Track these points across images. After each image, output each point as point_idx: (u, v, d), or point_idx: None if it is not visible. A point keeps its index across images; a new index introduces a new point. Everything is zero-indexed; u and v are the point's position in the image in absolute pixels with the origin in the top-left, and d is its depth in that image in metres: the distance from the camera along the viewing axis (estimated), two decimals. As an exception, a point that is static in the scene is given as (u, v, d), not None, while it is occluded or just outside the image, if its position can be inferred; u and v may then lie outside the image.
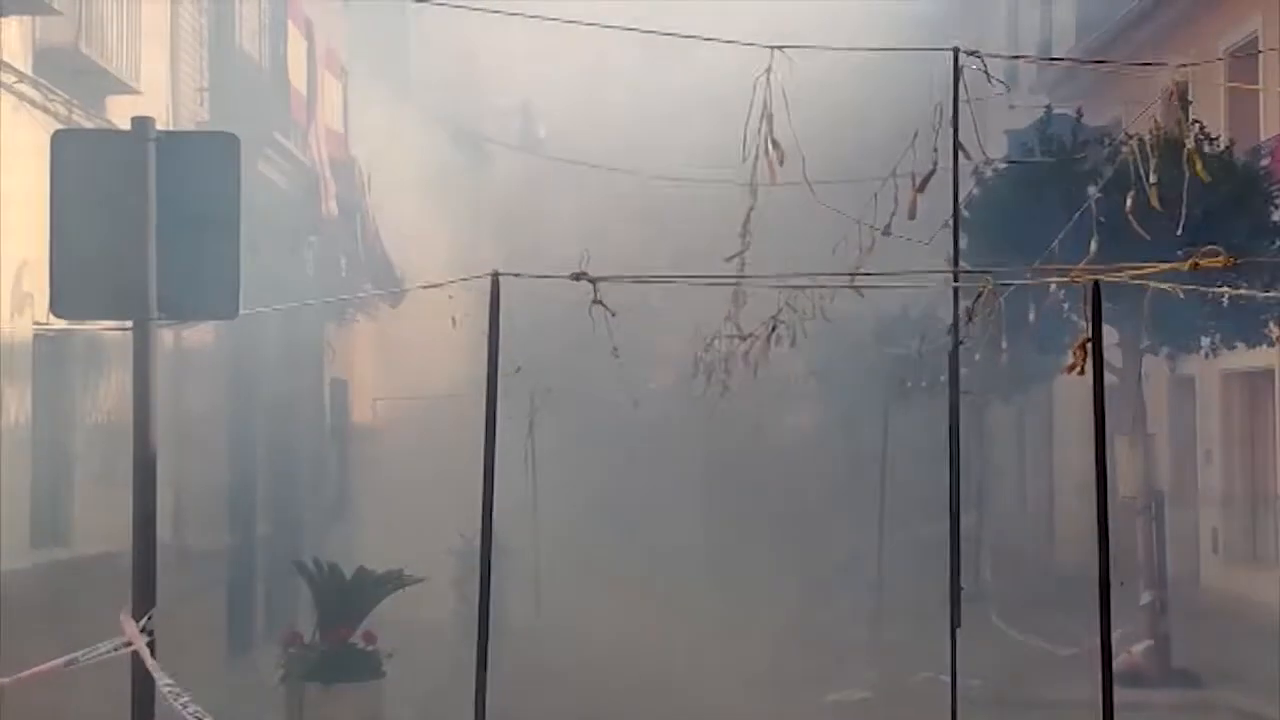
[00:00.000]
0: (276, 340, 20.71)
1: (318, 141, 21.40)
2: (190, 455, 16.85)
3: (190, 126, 17.01)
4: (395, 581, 14.89)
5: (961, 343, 11.95)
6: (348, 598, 14.58)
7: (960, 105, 11.27)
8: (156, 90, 16.08)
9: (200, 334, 17.16)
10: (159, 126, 8.73)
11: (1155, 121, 10.75)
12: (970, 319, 10.64)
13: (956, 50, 10.96)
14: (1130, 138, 10.37)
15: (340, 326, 24.87)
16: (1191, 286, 9.51)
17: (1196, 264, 8.35)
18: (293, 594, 18.30)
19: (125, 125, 8.86)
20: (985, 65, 10.81)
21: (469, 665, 9.50)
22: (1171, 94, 10.28)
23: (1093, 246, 10.04)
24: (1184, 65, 13.17)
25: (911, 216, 10.46)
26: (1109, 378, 14.91)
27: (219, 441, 18.61)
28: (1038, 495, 32.96)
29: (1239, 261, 9.38)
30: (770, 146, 11.01)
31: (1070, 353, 17.46)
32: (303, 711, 14.31)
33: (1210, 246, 8.50)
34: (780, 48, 10.87)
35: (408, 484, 23.68)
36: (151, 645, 8.17)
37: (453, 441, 22.05)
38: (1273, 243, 17.93)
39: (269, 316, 16.77)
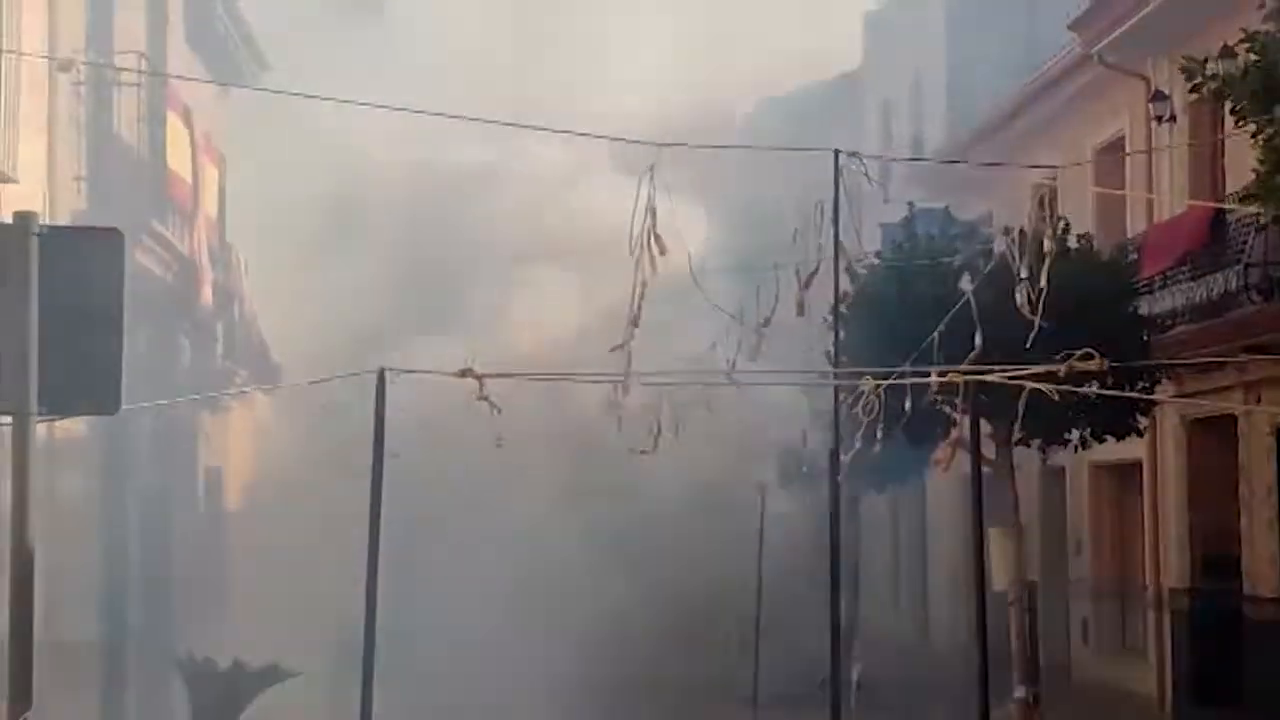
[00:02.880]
0: (151, 429, 20.52)
1: (195, 229, 21.33)
2: (63, 547, 16.60)
3: (67, 215, 16.89)
4: (272, 675, 14.73)
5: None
6: (223, 691, 14.41)
7: (839, 203, 11.49)
8: (33, 179, 15.96)
9: (73, 423, 16.95)
10: (36, 215, 8.68)
11: (1026, 221, 11.02)
12: (862, 419, 10.77)
13: (836, 152, 11.18)
14: (1007, 233, 10.61)
15: (215, 414, 24.69)
16: (1065, 388, 9.72)
17: (1072, 368, 8.54)
18: (167, 687, 18.03)
19: (1, 213, 8.79)
20: (865, 166, 11.03)
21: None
22: (1040, 199, 10.55)
23: (977, 341, 10.23)
24: (1054, 167, 13.51)
25: (800, 313, 10.64)
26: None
27: (92, 532, 18.36)
28: (911, 586, 33.21)
29: (1114, 366, 9.60)
30: (652, 240, 11.17)
31: (940, 448, 17.80)
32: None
33: (1085, 350, 8.70)
34: (666, 145, 11.04)
35: (284, 573, 23.44)
36: (28, 746, 8.02)
37: (329, 528, 21.93)
38: (1138, 334, 18.32)
39: (143, 405, 16.65)
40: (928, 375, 10.74)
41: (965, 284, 15.77)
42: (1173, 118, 20.70)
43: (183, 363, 21.78)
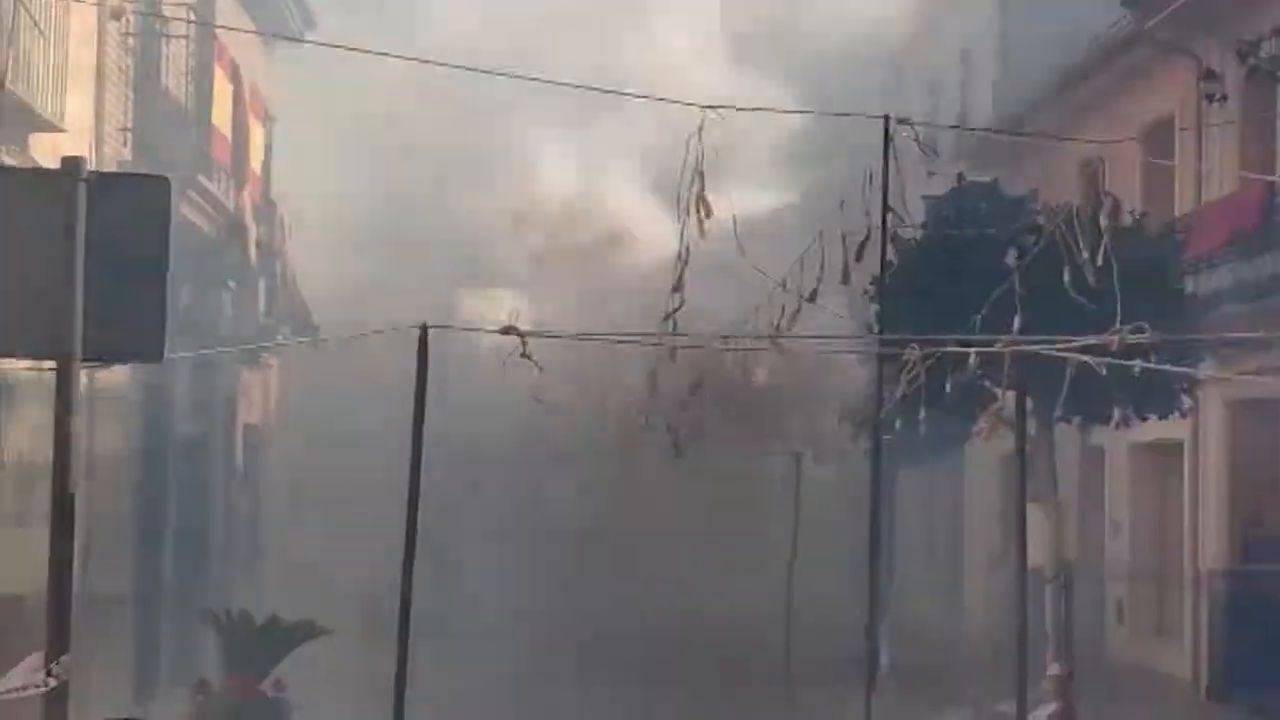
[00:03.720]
0: (189, 383, 20.57)
1: (240, 185, 21.33)
2: (99, 498, 16.65)
3: (112, 166, 16.91)
4: (306, 631, 14.74)
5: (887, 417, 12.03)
6: (258, 646, 14.42)
7: (888, 172, 11.38)
8: (80, 129, 15.97)
9: (113, 374, 16.99)
10: (84, 160, 8.66)
11: (1076, 196, 10.90)
12: (903, 390, 10.68)
13: (887, 118, 11.08)
14: (1056, 210, 10.49)
15: (254, 371, 24.73)
16: (1112, 360, 9.61)
17: (1123, 340, 8.44)
18: (200, 640, 18.07)
19: (47, 162, 8.80)
20: (917, 133, 10.93)
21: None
22: (1088, 175, 10.45)
23: (1016, 323, 10.12)
24: (1103, 142, 13.38)
25: (845, 281, 10.53)
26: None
27: (129, 485, 18.41)
28: (946, 561, 33.11)
29: (1166, 341, 9.49)
30: (699, 204, 11.09)
31: (982, 419, 17.69)
32: (209, 760, 14.12)
33: (1137, 323, 8.59)
34: (713, 108, 10.95)
35: (320, 531, 23.47)
36: (64, 690, 8.02)
37: (366, 489, 21.96)
38: (1185, 313, 18.14)
39: (183, 359, 16.69)
40: (973, 345, 10.63)
41: (1011, 258, 15.64)
42: (1224, 97, 20.48)
43: (224, 319, 21.81)
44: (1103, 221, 9.20)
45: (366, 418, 24.25)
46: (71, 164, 8.53)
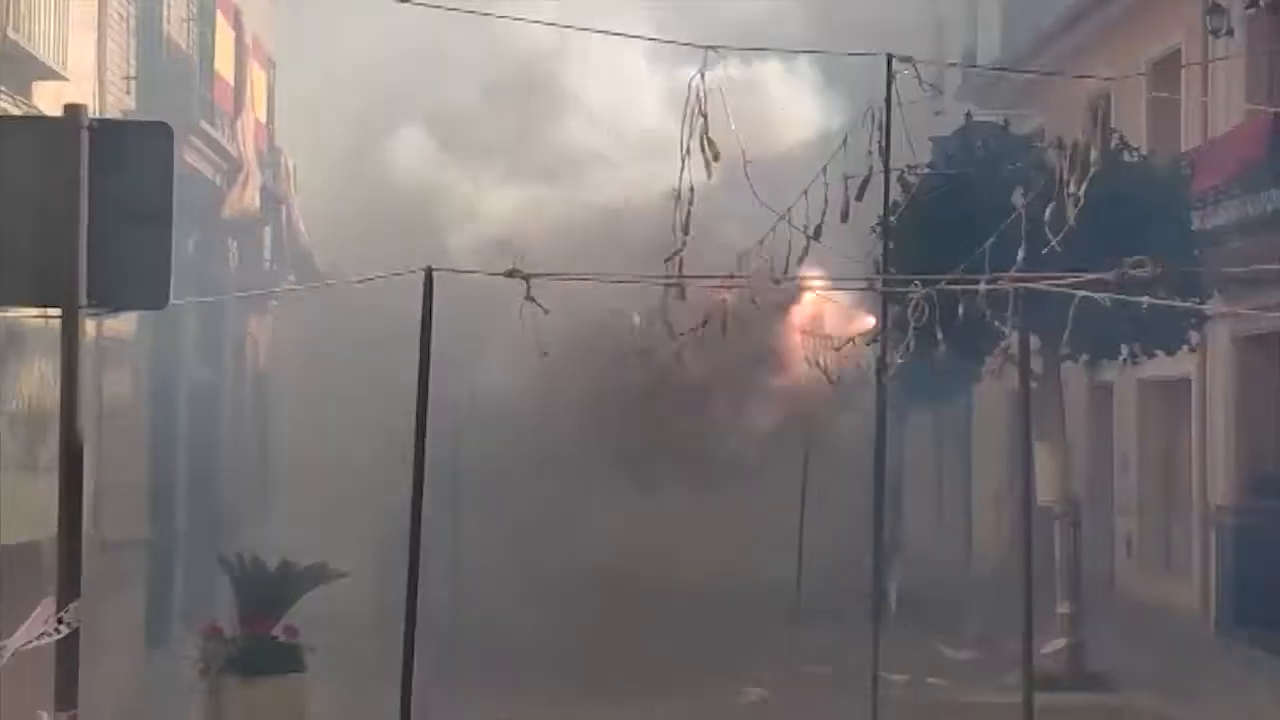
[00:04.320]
0: (198, 331, 20.62)
1: (244, 132, 21.30)
2: (110, 446, 16.73)
3: (116, 114, 16.91)
4: (318, 575, 14.79)
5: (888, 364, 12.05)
6: (270, 591, 14.48)
7: (892, 110, 11.35)
8: (83, 77, 15.96)
9: (121, 324, 17.05)
10: (86, 107, 8.67)
11: (1080, 133, 10.88)
12: (913, 324, 10.69)
13: (890, 56, 11.05)
14: (1061, 147, 10.46)
15: (262, 318, 24.77)
16: (1117, 296, 9.62)
17: (1124, 274, 8.45)
18: (213, 586, 18.15)
19: (51, 111, 8.81)
20: (918, 71, 10.90)
21: (391, 660, 9.52)
22: (1094, 111, 10.43)
23: (1020, 255, 10.12)
24: (1109, 79, 13.35)
25: (844, 220, 10.52)
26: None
27: (139, 432, 18.49)
28: (954, 500, 33.18)
29: (1164, 272, 9.49)
30: (705, 144, 11.08)
31: (993, 356, 17.73)
32: (222, 705, 14.19)
33: (1138, 257, 8.60)
34: (714, 48, 10.93)
35: (330, 476, 23.52)
36: (75, 636, 8.09)
37: (375, 433, 22.01)
38: (1192, 250, 18.13)
39: (190, 307, 16.73)
40: (977, 281, 10.64)
41: (1018, 197, 15.62)
42: (1230, 31, 20.39)
43: (231, 267, 21.84)
44: (1093, 154, 9.17)
45: (373, 359, 24.25)
46: (74, 111, 8.54)
